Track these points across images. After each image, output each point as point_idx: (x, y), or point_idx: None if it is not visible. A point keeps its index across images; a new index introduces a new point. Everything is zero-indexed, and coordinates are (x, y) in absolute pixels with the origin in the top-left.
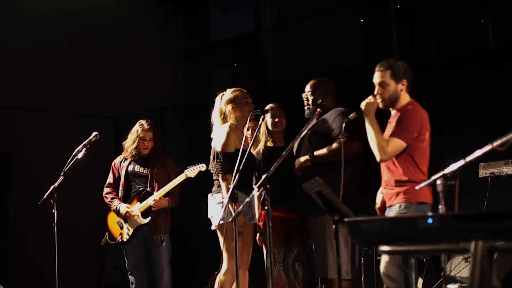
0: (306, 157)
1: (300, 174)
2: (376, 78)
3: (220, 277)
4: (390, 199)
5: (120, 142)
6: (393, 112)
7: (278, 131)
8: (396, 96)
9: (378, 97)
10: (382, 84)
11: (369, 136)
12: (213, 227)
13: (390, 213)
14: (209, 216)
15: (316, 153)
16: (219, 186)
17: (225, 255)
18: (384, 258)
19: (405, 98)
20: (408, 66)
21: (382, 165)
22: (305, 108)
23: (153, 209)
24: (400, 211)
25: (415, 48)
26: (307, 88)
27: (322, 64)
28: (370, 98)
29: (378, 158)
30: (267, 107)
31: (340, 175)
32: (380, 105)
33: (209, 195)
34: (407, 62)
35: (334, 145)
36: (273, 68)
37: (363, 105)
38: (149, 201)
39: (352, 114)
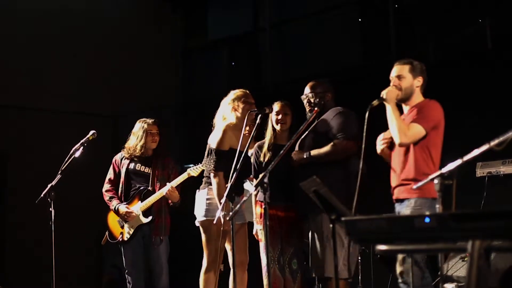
0: (303, 155)
1: (295, 165)
2: (394, 71)
3: (202, 275)
4: (403, 192)
5: (119, 141)
6: (405, 108)
7: (282, 129)
8: (412, 90)
9: (393, 88)
10: (399, 77)
11: (390, 120)
12: (196, 223)
13: (404, 208)
14: (194, 212)
15: (313, 152)
16: (206, 182)
17: (206, 252)
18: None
19: (419, 97)
20: (425, 68)
21: (397, 159)
22: (308, 110)
23: (167, 195)
24: (415, 206)
25: (413, 47)
26: (307, 90)
27: (320, 64)
28: (390, 87)
29: (398, 140)
30: (274, 104)
31: (334, 174)
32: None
33: (197, 191)
34: None
35: (329, 145)
36: (271, 67)
37: (384, 92)
38: (164, 190)
39: (375, 101)
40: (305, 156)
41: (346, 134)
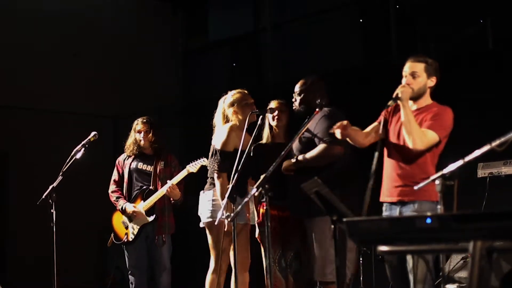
0: (291, 161)
1: (286, 173)
2: (408, 68)
3: (209, 276)
4: (405, 195)
5: (119, 141)
6: (412, 107)
7: (279, 127)
8: (424, 91)
9: (407, 86)
10: (413, 74)
11: (406, 122)
12: (201, 225)
13: (409, 211)
14: (198, 213)
15: (300, 158)
16: (211, 183)
17: (212, 253)
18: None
19: (428, 97)
20: (439, 68)
21: (397, 159)
22: (293, 107)
23: (167, 193)
24: (421, 211)
25: (414, 48)
26: (296, 88)
27: (321, 64)
28: (404, 85)
29: (413, 145)
30: (271, 103)
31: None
32: None
33: (201, 192)
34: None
35: (316, 150)
36: (272, 68)
37: (399, 91)
38: (164, 189)
39: (390, 102)
40: (293, 161)
41: (332, 138)
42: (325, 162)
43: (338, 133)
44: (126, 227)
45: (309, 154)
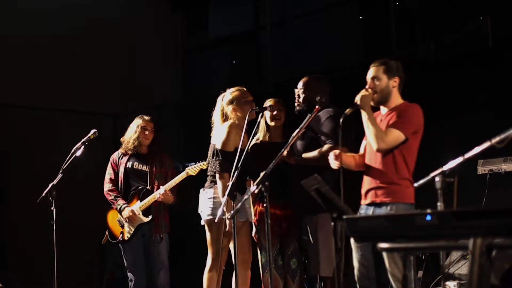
0: (293, 159)
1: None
2: (370, 73)
3: (206, 274)
4: (377, 196)
5: (119, 139)
6: (384, 110)
7: (277, 126)
8: (388, 92)
9: (370, 91)
10: (374, 78)
11: (366, 127)
12: (202, 222)
13: (380, 212)
14: (199, 211)
15: (305, 155)
16: (211, 181)
17: (210, 251)
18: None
19: (398, 98)
20: (401, 66)
21: (373, 162)
22: (295, 104)
23: (160, 200)
24: (389, 212)
25: (414, 45)
26: (300, 85)
27: (321, 62)
28: (364, 91)
29: (375, 147)
30: (267, 101)
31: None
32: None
33: (201, 190)
34: (403, 60)
35: (319, 151)
36: (272, 66)
37: (358, 98)
38: (156, 194)
39: (348, 110)
40: (295, 158)
41: (336, 141)
42: (327, 163)
43: (332, 162)
44: (122, 226)
45: (311, 154)
